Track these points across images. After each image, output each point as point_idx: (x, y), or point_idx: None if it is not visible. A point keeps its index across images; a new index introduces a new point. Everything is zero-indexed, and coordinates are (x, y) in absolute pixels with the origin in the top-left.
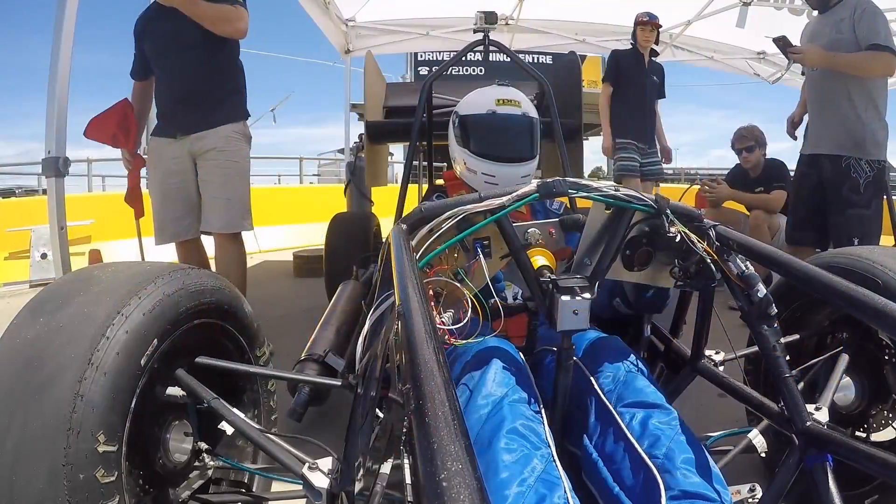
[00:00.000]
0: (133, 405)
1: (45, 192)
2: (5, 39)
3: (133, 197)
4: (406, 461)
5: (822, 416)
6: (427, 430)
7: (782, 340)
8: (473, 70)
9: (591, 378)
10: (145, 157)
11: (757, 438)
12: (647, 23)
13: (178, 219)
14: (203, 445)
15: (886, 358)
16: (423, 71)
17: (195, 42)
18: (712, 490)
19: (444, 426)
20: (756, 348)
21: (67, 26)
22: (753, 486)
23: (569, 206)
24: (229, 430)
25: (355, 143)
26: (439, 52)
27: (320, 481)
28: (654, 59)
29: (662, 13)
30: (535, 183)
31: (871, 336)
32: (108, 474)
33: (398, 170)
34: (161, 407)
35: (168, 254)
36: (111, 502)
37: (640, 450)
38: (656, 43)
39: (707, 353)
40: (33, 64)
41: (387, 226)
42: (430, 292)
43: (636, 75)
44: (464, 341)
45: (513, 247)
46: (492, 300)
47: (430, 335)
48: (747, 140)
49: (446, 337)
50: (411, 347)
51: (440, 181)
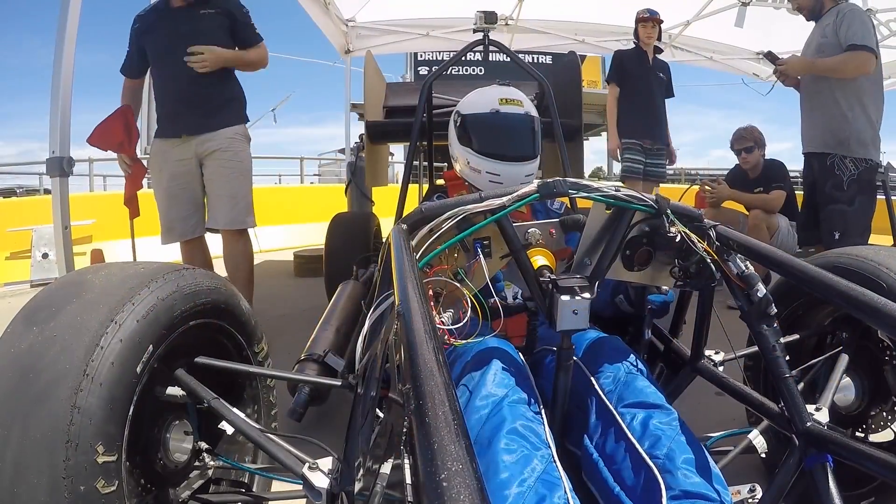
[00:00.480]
0: (131, 412)
1: (46, 191)
2: (5, 40)
3: (132, 200)
4: (406, 461)
5: (823, 416)
6: (427, 430)
7: (782, 340)
8: (473, 70)
9: (592, 378)
10: (145, 160)
11: (757, 439)
12: (649, 19)
13: (186, 218)
14: (203, 445)
15: (886, 358)
16: (423, 71)
17: (221, 49)
18: (713, 490)
19: (444, 426)
20: (756, 348)
21: (70, 28)
22: (753, 487)
23: (569, 206)
24: (229, 429)
25: (356, 143)
26: (439, 52)
27: (320, 481)
28: (657, 56)
29: (661, 13)
30: (535, 183)
31: (871, 336)
32: (108, 484)
33: (398, 170)
34: (161, 407)
35: (168, 253)
36: None
37: (640, 450)
38: (658, 39)
39: (707, 353)
40: (33, 64)
41: (387, 226)
42: (430, 292)
43: (641, 73)
44: (464, 341)
45: (513, 247)
46: (492, 300)
47: (430, 335)
48: (746, 141)
49: (446, 337)
50: (411, 347)
51: (440, 181)
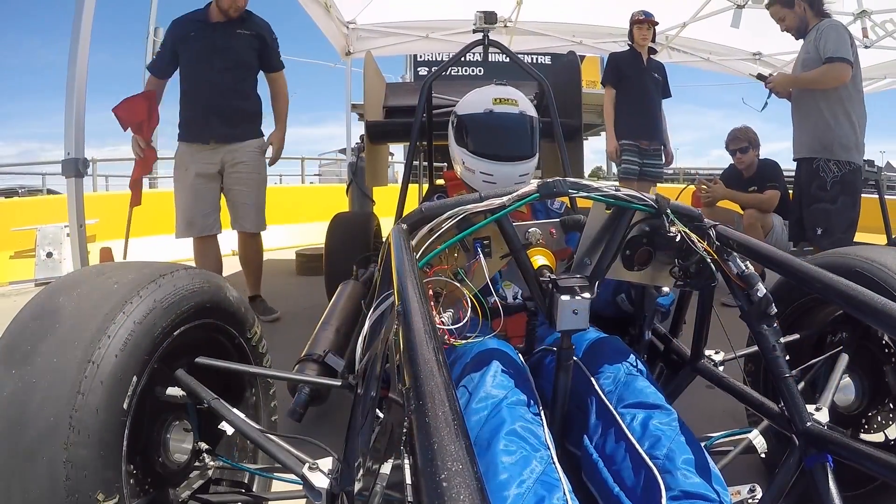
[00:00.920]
0: (125, 445)
1: (49, 191)
2: (4, 40)
3: (136, 183)
4: (406, 461)
5: (823, 416)
6: (427, 430)
7: (782, 340)
8: (473, 70)
9: (592, 378)
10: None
11: (757, 439)
12: (644, 21)
13: (206, 215)
14: (203, 445)
15: (888, 358)
16: (423, 71)
17: (235, 64)
18: (712, 490)
19: (444, 426)
20: (756, 348)
21: (84, 32)
22: (753, 487)
23: (569, 206)
24: (229, 429)
25: (357, 143)
26: (439, 54)
27: (320, 481)
28: (652, 57)
29: (658, 15)
30: (535, 183)
31: (871, 336)
32: None
33: (398, 169)
34: (161, 407)
35: (179, 250)
36: None
37: (640, 450)
38: (653, 41)
39: (707, 353)
40: (32, 64)
41: (387, 226)
42: (430, 292)
43: (637, 75)
44: (463, 341)
45: (513, 247)
46: (492, 300)
47: (430, 335)
48: (741, 141)
49: (446, 337)
50: (411, 347)
51: (440, 181)
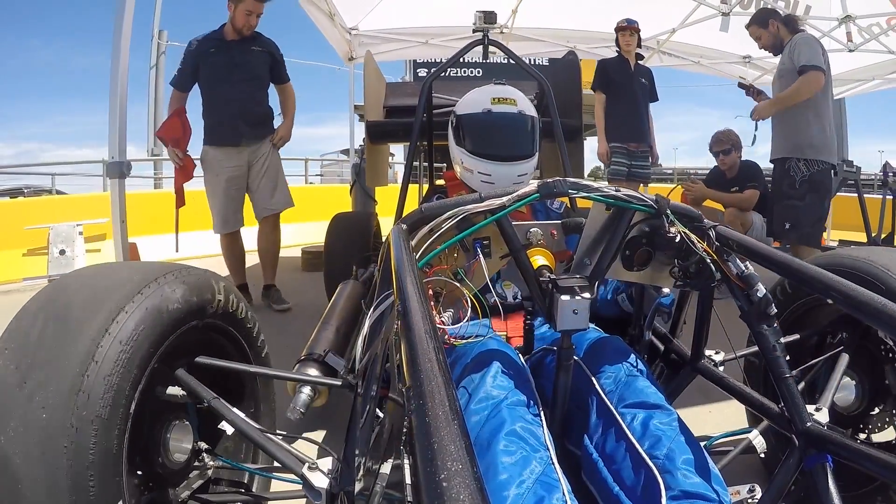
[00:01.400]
0: (126, 445)
1: (58, 192)
2: (3, 40)
3: (180, 190)
4: (406, 461)
5: (823, 416)
6: (427, 430)
7: (782, 340)
8: (472, 72)
9: (592, 378)
10: (196, 159)
11: (757, 439)
12: (627, 28)
13: (237, 212)
14: (203, 445)
15: (887, 358)
16: (423, 73)
17: (255, 75)
18: (712, 490)
19: (444, 426)
20: (756, 348)
21: (124, 45)
22: (753, 487)
23: (569, 206)
24: (229, 429)
25: (360, 145)
26: (438, 59)
27: (320, 481)
28: (639, 62)
29: (649, 21)
30: (535, 183)
31: (871, 336)
32: None
33: (399, 170)
34: (161, 407)
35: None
36: None
37: (641, 450)
38: (639, 46)
39: (707, 353)
40: (31, 65)
41: (387, 225)
42: (430, 292)
43: (625, 80)
44: (463, 341)
45: (513, 247)
46: (492, 300)
47: (430, 335)
48: (724, 144)
49: (446, 337)
50: (411, 347)
51: (440, 181)
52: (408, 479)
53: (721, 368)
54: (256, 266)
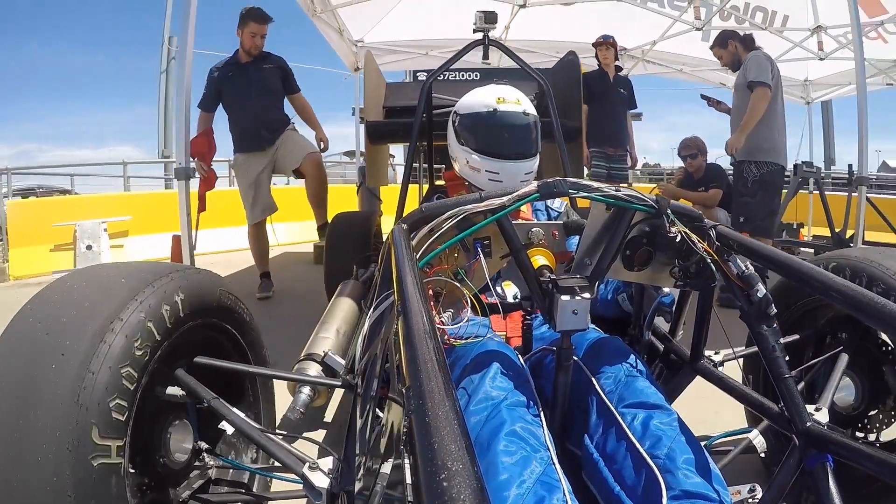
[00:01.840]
0: (126, 445)
1: (67, 192)
2: (2, 41)
3: (203, 197)
4: (406, 461)
5: (823, 416)
6: (427, 429)
7: (782, 340)
8: (471, 76)
9: (593, 378)
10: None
11: (757, 439)
12: (603, 43)
13: (265, 201)
14: (203, 445)
15: (886, 358)
16: (422, 77)
17: (270, 89)
18: (712, 490)
19: (444, 426)
20: (756, 348)
21: (189, 54)
22: (753, 487)
23: (570, 205)
24: (229, 429)
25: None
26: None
27: (320, 481)
28: (619, 74)
29: (632, 34)
30: (535, 183)
31: (871, 336)
32: None
33: (399, 171)
34: (161, 407)
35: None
36: None
37: (641, 450)
38: (617, 59)
39: (707, 353)
40: (30, 65)
41: (387, 225)
42: (430, 292)
43: (605, 91)
44: (463, 341)
45: (513, 246)
46: (492, 299)
47: (430, 335)
48: (691, 149)
49: (446, 337)
50: (411, 347)
51: (440, 182)
52: (408, 479)
53: (721, 368)
54: (275, 258)
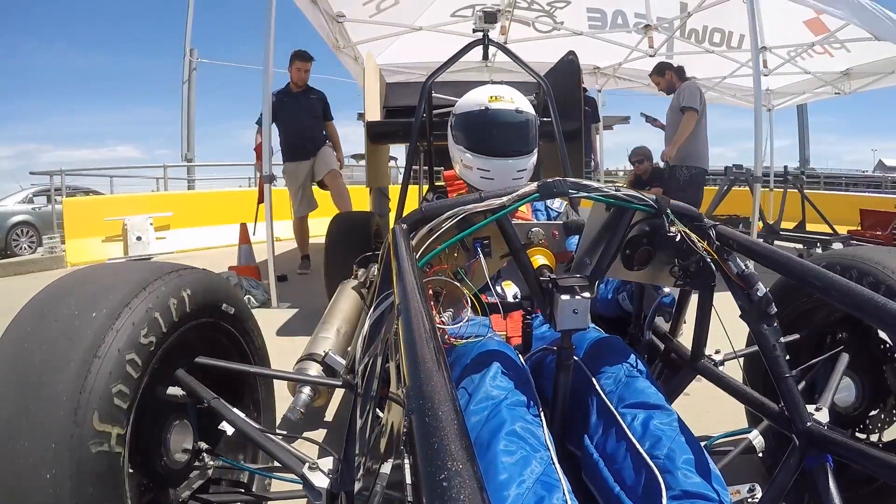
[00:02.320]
0: (126, 446)
1: (94, 192)
2: (1, 41)
3: (262, 191)
4: (406, 461)
5: (823, 416)
6: (427, 430)
7: (782, 340)
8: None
9: (593, 378)
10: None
11: (757, 439)
12: None
13: (309, 200)
14: (203, 445)
15: (887, 358)
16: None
17: (314, 115)
18: (712, 490)
19: (444, 426)
20: (756, 348)
21: (268, 74)
22: (753, 487)
23: (570, 205)
24: (229, 429)
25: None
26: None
27: (320, 481)
28: (584, 93)
29: (606, 55)
30: (535, 183)
31: (871, 336)
32: None
33: (400, 174)
34: (161, 407)
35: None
36: None
37: (641, 450)
38: (581, 81)
39: (706, 352)
40: (29, 66)
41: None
42: (430, 292)
43: None
44: (463, 341)
45: (513, 246)
46: (492, 299)
47: (430, 335)
48: (639, 155)
49: (446, 337)
50: (411, 347)
51: (440, 182)
52: (408, 479)
53: (721, 368)
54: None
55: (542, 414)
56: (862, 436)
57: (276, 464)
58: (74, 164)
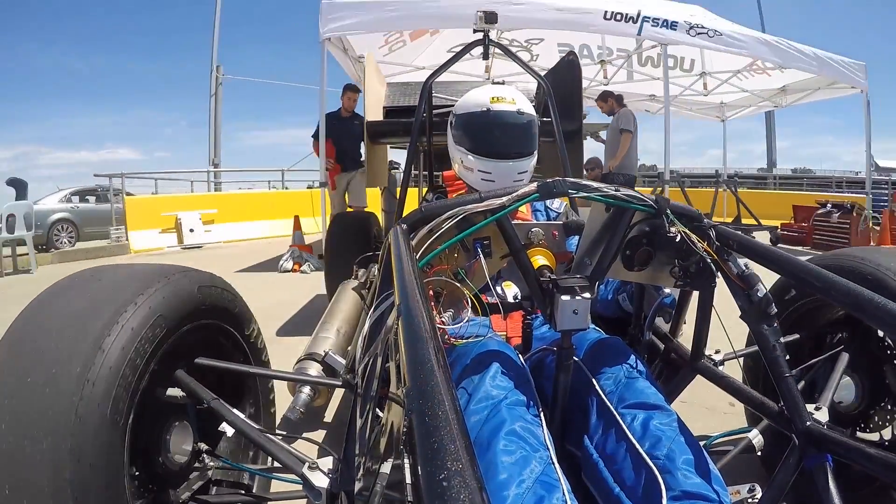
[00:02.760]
0: (127, 446)
1: (126, 193)
2: (1, 42)
3: (332, 180)
4: (406, 461)
5: (822, 416)
6: (427, 430)
7: (782, 340)
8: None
9: (593, 379)
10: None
11: (757, 438)
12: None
13: (341, 203)
14: (203, 446)
15: (887, 357)
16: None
17: (356, 137)
18: (712, 490)
19: (444, 426)
20: (756, 348)
21: (323, 105)
22: (753, 487)
23: (570, 205)
24: (229, 430)
25: (390, 161)
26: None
27: (320, 481)
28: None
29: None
30: (535, 183)
31: (871, 336)
32: None
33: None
34: (161, 408)
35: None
36: None
37: (641, 451)
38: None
39: (707, 352)
40: (29, 67)
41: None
42: (430, 292)
43: None
44: (463, 341)
45: (513, 247)
46: (492, 299)
47: (430, 335)
48: (591, 164)
49: (446, 337)
50: (411, 347)
51: (440, 182)
52: (408, 479)
53: (721, 368)
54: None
55: (542, 414)
56: (862, 435)
57: (277, 464)
58: (74, 166)
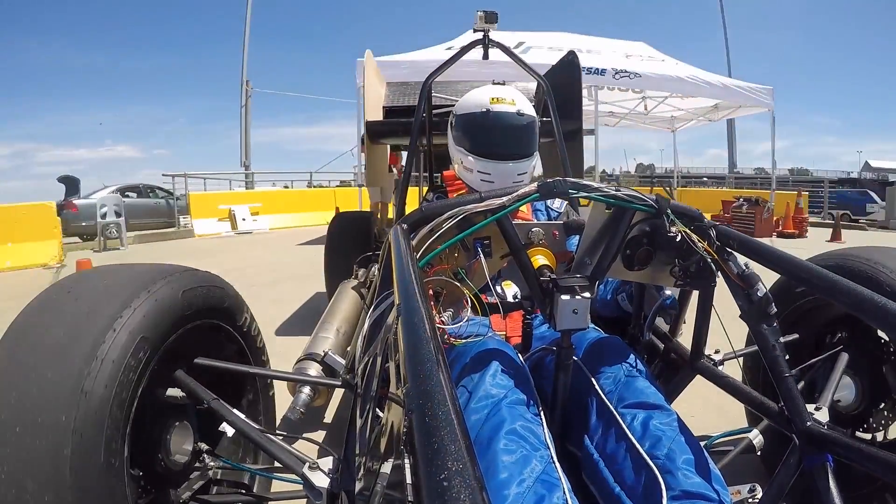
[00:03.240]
0: (127, 446)
1: (166, 191)
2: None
3: (397, 173)
4: (406, 461)
5: (823, 415)
6: (427, 430)
7: (782, 340)
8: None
9: (592, 378)
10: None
11: (757, 438)
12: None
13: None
14: (203, 446)
15: (886, 357)
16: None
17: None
18: (712, 490)
19: (444, 426)
20: (756, 347)
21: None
22: (753, 487)
23: (570, 205)
24: (229, 430)
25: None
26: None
27: (321, 481)
28: None
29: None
30: (535, 183)
31: (871, 336)
32: None
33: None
34: (161, 408)
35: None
36: None
37: (641, 450)
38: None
39: (707, 352)
40: (28, 64)
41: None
42: (430, 292)
43: None
44: (464, 341)
45: (513, 246)
46: (492, 299)
47: (430, 335)
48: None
49: (446, 336)
50: (411, 347)
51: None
52: (408, 479)
53: (721, 368)
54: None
55: (542, 413)
56: (862, 435)
57: (277, 464)
58: (74, 163)
